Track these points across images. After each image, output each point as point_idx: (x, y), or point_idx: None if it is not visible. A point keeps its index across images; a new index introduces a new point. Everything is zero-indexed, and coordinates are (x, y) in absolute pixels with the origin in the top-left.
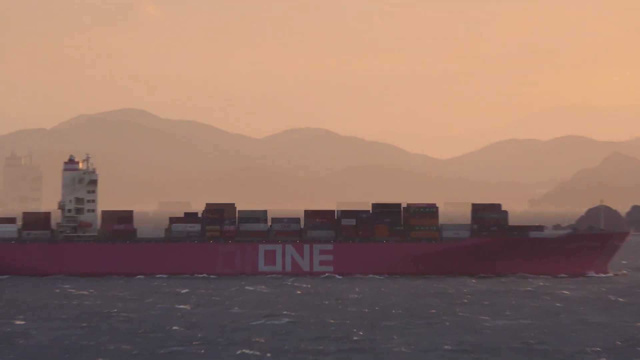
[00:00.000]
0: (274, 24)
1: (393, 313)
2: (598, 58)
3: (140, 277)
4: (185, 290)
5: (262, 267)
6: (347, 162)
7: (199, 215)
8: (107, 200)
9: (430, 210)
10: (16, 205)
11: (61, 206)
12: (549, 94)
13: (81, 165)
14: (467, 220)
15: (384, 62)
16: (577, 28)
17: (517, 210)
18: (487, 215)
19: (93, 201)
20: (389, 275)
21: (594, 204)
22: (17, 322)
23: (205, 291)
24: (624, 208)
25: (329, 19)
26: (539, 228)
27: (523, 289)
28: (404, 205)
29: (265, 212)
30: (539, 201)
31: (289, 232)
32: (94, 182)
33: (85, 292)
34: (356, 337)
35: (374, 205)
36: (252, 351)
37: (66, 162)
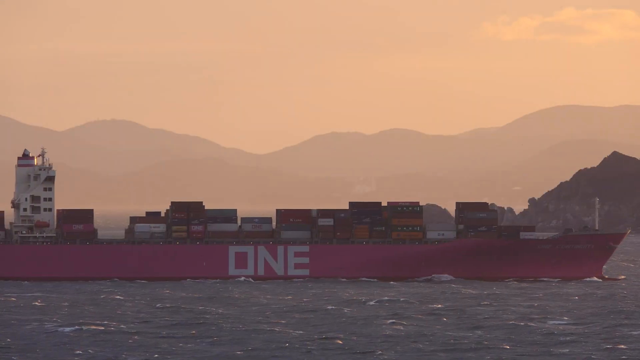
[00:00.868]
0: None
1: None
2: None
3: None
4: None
5: (232, 271)
6: (155, 157)
7: (162, 214)
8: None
9: (414, 209)
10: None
11: (15, 205)
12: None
13: (36, 160)
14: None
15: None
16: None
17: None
18: (475, 215)
19: (50, 199)
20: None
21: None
22: None
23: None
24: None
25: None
26: (530, 228)
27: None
28: (384, 204)
29: (235, 211)
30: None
31: (260, 232)
32: (51, 179)
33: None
34: None
35: (352, 204)
36: None
37: (20, 157)
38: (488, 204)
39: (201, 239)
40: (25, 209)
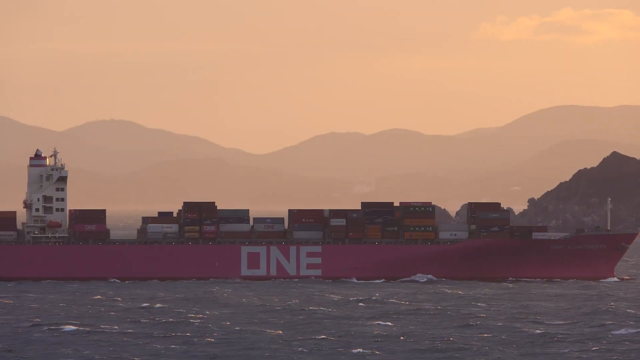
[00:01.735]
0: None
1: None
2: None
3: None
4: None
5: (245, 271)
6: (154, 157)
7: (175, 214)
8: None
9: (426, 210)
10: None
11: (27, 205)
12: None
13: (48, 160)
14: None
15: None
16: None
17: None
18: (487, 215)
19: (62, 200)
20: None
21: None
22: None
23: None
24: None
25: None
26: (542, 229)
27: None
28: (396, 204)
29: (247, 211)
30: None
31: (272, 232)
32: (63, 179)
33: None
34: None
35: (364, 205)
36: None
37: (32, 158)
38: (500, 204)
39: (214, 239)
40: (37, 209)
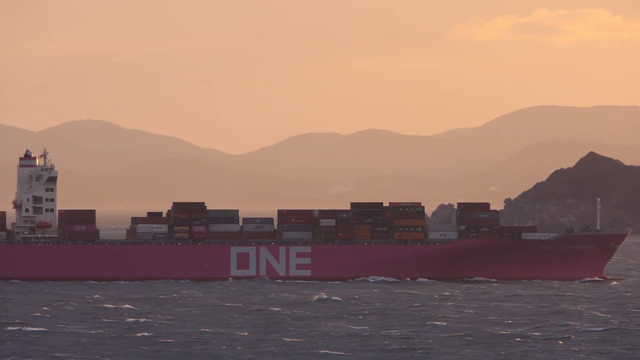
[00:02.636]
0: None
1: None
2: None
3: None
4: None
5: (234, 272)
6: (132, 157)
7: (164, 215)
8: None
9: (416, 210)
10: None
11: (17, 205)
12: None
13: (38, 161)
14: None
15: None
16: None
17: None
18: (477, 216)
19: (52, 200)
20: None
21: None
22: None
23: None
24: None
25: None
26: (532, 229)
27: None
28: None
29: (236, 211)
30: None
31: (262, 233)
32: (53, 180)
33: None
34: None
35: (354, 205)
36: None
37: (22, 158)
38: (489, 205)
39: (203, 240)
40: (27, 210)
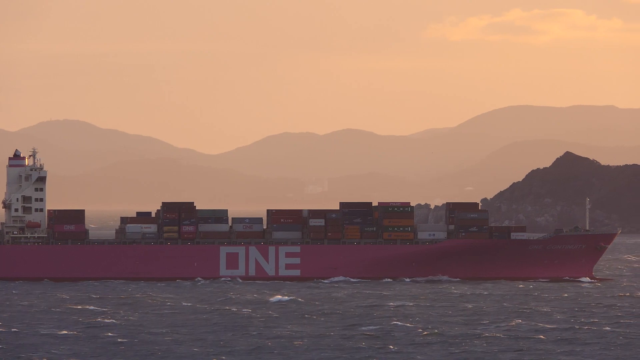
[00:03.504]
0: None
1: None
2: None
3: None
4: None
5: (223, 272)
6: (109, 157)
7: (153, 215)
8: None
9: (405, 210)
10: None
11: (6, 205)
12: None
13: (27, 161)
14: None
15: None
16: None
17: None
18: (466, 215)
19: (41, 200)
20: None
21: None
22: None
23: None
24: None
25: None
26: (521, 229)
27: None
28: (374, 204)
29: (226, 211)
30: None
31: (251, 233)
32: (42, 180)
33: None
34: None
35: (343, 205)
36: None
37: (11, 158)
38: (479, 205)
39: (192, 240)
40: (16, 210)
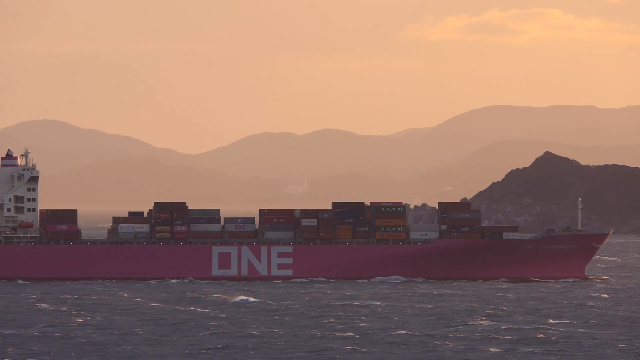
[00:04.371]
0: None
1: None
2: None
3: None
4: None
5: (215, 271)
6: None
7: (145, 214)
8: None
9: (397, 210)
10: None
11: None
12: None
13: (20, 160)
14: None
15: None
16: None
17: None
18: (458, 215)
19: (34, 200)
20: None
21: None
22: None
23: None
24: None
25: None
26: (513, 229)
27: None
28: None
29: (218, 211)
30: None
31: (243, 232)
32: (34, 180)
33: None
34: None
35: (335, 204)
36: None
37: (3, 158)
38: (471, 204)
39: (185, 240)
40: (9, 209)
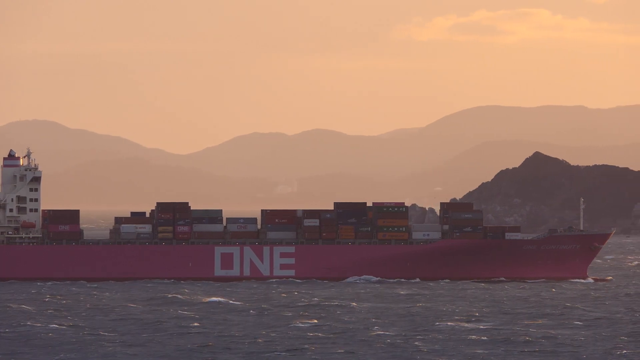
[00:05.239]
0: None
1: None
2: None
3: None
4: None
5: (218, 272)
6: (78, 157)
7: (147, 215)
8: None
9: (399, 210)
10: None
11: (1, 205)
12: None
13: (22, 161)
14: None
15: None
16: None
17: None
18: (460, 216)
19: (36, 200)
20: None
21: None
22: None
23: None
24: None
25: None
26: (516, 229)
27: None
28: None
29: (220, 211)
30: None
31: (246, 233)
32: (37, 180)
33: None
34: None
35: (337, 205)
36: None
37: (5, 158)
38: (473, 205)
39: (187, 240)
40: (11, 210)
